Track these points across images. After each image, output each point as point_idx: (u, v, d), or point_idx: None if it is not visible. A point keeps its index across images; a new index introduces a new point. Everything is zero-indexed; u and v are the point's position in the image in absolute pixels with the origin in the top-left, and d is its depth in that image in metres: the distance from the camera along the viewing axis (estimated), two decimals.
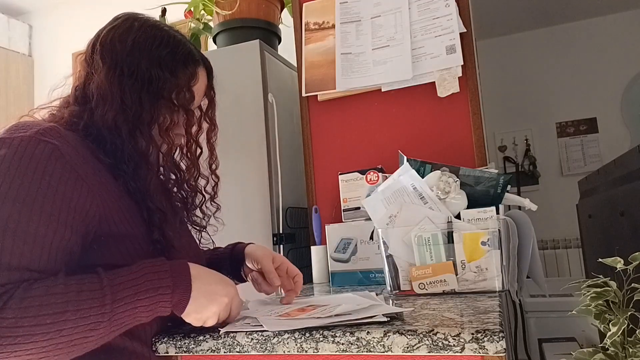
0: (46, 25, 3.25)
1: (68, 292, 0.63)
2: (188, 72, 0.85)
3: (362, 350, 0.64)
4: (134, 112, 0.79)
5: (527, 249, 0.99)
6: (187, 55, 0.86)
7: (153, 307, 0.68)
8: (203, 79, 0.89)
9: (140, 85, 0.80)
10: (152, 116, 0.80)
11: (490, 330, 0.60)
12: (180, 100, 0.83)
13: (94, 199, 0.72)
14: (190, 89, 0.85)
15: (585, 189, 1.84)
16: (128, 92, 0.79)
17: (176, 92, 0.83)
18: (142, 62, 0.81)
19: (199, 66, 0.88)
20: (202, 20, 1.92)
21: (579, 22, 3.35)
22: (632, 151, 1.16)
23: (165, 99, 0.81)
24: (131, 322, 0.68)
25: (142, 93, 0.80)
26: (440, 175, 0.95)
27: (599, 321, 0.76)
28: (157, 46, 0.83)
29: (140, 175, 0.78)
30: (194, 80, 0.86)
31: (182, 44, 0.87)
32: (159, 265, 0.70)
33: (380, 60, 1.47)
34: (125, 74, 0.80)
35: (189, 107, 0.85)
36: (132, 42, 0.81)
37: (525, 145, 3.43)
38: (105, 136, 0.77)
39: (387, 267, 0.96)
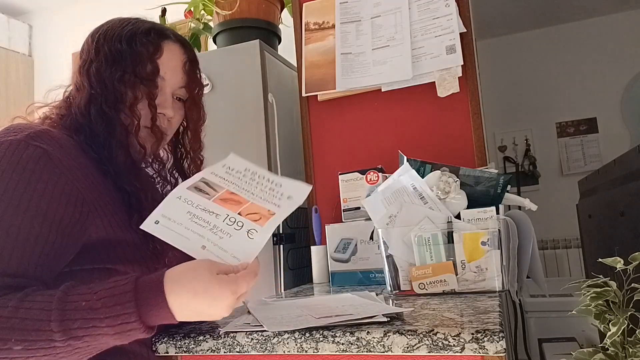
0: (46, 25, 3.25)
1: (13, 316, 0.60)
2: (149, 43, 0.83)
3: (362, 350, 0.64)
4: (99, 92, 0.79)
5: (527, 249, 0.99)
6: (149, 30, 0.84)
7: (122, 334, 0.62)
8: (174, 54, 0.86)
9: (103, 65, 0.80)
10: (115, 94, 0.79)
11: (490, 330, 0.60)
12: (141, 73, 0.81)
13: (85, 203, 0.72)
14: (153, 61, 0.82)
15: (585, 189, 1.84)
16: (93, 75, 0.80)
17: (136, 65, 0.81)
18: (105, 45, 0.82)
19: (165, 39, 0.85)
20: (202, 20, 1.92)
21: (579, 22, 3.35)
22: (632, 151, 1.16)
23: (127, 73, 0.80)
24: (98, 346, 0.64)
25: (105, 72, 0.80)
26: (440, 175, 0.95)
27: (599, 321, 0.76)
28: (122, 27, 0.83)
29: (113, 156, 0.78)
30: (158, 53, 0.83)
31: (148, 22, 0.86)
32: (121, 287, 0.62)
33: (380, 60, 1.47)
34: (92, 60, 0.82)
35: (152, 79, 0.82)
36: (102, 33, 0.83)
37: (525, 145, 3.43)
38: (84, 126, 0.79)
39: (387, 267, 0.96)
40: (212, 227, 0.70)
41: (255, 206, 0.74)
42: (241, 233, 0.70)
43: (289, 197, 0.77)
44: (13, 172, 0.67)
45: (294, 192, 0.78)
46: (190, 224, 0.70)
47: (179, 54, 0.87)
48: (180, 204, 0.72)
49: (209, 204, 0.72)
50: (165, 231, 0.69)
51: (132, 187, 0.78)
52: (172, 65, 0.86)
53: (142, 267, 0.79)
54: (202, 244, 0.69)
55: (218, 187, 0.76)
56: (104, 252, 0.75)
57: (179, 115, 0.90)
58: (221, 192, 0.75)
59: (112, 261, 0.75)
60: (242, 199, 0.75)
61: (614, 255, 0.78)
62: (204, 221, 0.70)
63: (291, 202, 0.76)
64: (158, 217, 0.70)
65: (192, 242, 0.69)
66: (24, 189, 0.67)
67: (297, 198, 0.77)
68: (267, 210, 0.73)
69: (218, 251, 0.69)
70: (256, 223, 0.71)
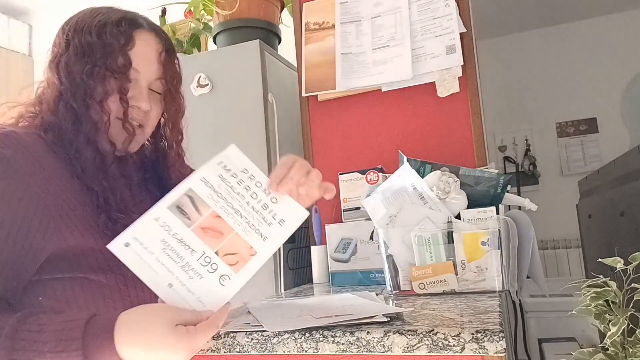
0: (46, 25, 3.25)
1: None
2: (120, 34, 0.78)
3: (362, 350, 0.64)
4: (68, 87, 0.76)
5: (527, 249, 0.99)
6: (121, 19, 0.80)
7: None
8: (147, 44, 0.82)
9: (73, 58, 0.77)
10: (84, 89, 0.76)
11: (490, 330, 0.60)
12: (112, 65, 0.77)
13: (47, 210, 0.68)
14: (124, 52, 0.78)
15: (585, 189, 1.84)
16: (62, 70, 0.77)
17: (108, 57, 0.77)
18: (75, 37, 0.78)
19: (137, 29, 0.81)
20: (202, 20, 1.92)
21: (579, 22, 3.35)
22: (632, 151, 1.16)
23: (97, 66, 0.76)
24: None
25: (74, 67, 0.77)
26: (440, 175, 0.95)
27: (599, 321, 0.76)
28: (92, 18, 0.79)
29: (80, 153, 0.75)
30: (130, 44, 0.79)
31: (120, 11, 0.82)
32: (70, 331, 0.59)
33: (380, 60, 1.47)
34: (62, 54, 0.78)
35: (124, 72, 0.78)
36: (70, 24, 0.80)
37: (525, 145, 3.43)
38: (52, 124, 0.76)
39: (387, 267, 0.96)
40: (184, 264, 0.65)
41: (238, 240, 0.69)
42: (213, 277, 0.66)
43: (281, 220, 0.72)
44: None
45: (289, 215, 0.73)
46: (162, 256, 0.64)
47: (154, 44, 0.83)
48: (156, 228, 0.65)
49: (186, 235, 0.66)
50: (134, 258, 0.63)
51: (99, 187, 0.75)
52: (147, 56, 0.81)
53: (115, 274, 0.76)
54: (169, 281, 0.64)
55: (203, 207, 0.69)
56: (75, 261, 0.72)
57: (157, 108, 0.86)
58: (205, 216, 0.68)
59: (83, 270, 0.73)
60: (226, 226, 0.69)
61: (614, 255, 0.78)
62: (177, 255, 0.65)
63: (283, 228, 0.72)
64: (129, 239, 0.64)
65: (159, 277, 0.64)
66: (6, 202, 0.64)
67: (290, 224, 0.72)
68: (249, 248, 0.69)
69: (184, 292, 0.64)
70: (232, 268, 0.67)
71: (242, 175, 0.74)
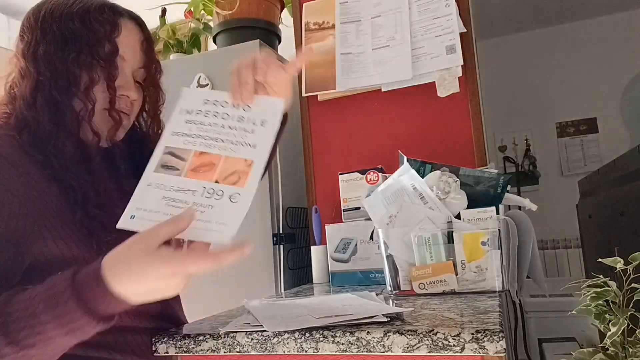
0: None
1: None
2: (105, 21, 0.75)
3: (362, 350, 0.64)
4: (49, 79, 0.72)
5: (527, 249, 0.99)
6: (103, 6, 0.77)
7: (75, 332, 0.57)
8: (131, 33, 0.79)
9: (53, 48, 0.73)
10: (67, 77, 0.72)
11: (490, 330, 0.60)
12: (98, 53, 0.74)
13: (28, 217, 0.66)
14: (111, 40, 0.75)
15: (585, 189, 1.84)
16: (41, 60, 0.73)
17: (93, 45, 0.74)
18: (53, 25, 0.74)
19: (121, 17, 0.78)
20: (202, 20, 1.92)
21: (579, 22, 3.35)
22: (632, 151, 1.16)
23: (83, 54, 0.73)
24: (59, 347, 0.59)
25: (55, 55, 0.72)
26: (440, 175, 0.95)
27: (599, 321, 0.76)
28: (70, 5, 0.75)
29: (59, 147, 0.71)
30: (116, 32, 0.76)
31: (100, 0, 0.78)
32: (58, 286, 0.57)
33: (380, 60, 1.47)
34: (39, 42, 0.73)
35: (111, 59, 0.75)
36: (44, 12, 0.76)
37: (525, 145, 3.43)
38: (28, 119, 0.71)
39: (387, 267, 0.96)
40: (191, 205, 0.65)
41: (230, 161, 0.69)
42: (223, 200, 0.66)
43: (262, 122, 0.72)
44: None
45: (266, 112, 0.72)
46: (169, 209, 0.65)
47: (136, 32, 0.81)
48: (152, 192, 0.67)
49: (181, 182, 0.67)
50: (144, 223, 0.63)
51: (78, 182, 0.71)
52: (131, 45, 0.79)
53: None
54: None
55: (185, 153, 0.70)
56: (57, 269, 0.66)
57: (140, 97, 0.83)
58: (190, 159, 0.69)
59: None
60: (214, 156, 0.69)
61: (614, 255, 0.78)
62: (182, 202, 0.66)
63: (267, 128, 0.71)
64: (133, 212, 0.65)
65: None
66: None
67: (272, 119, 0.71)
68: (244, 161, 0.69)
69: (203, 225, 0.64)
70: (236, 185, 0.67)
71: (206, 106, 0.74)
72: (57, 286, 0.57)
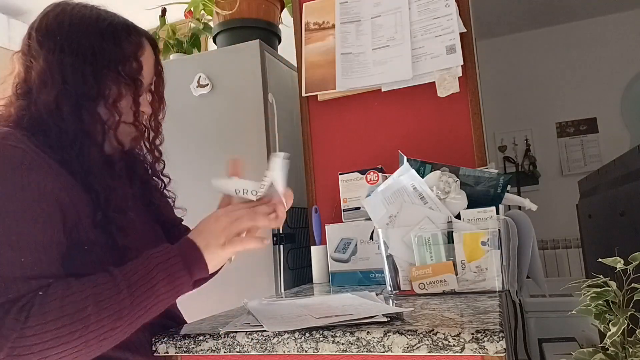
0: None
1: (83, 289, 0.64)
2: (133, 41, 0.82)
3: (362, 350, 0.64)
4: (77, 89, 0.76)
5: (527, 249, 0.99)
6: (129, 26, 0.83)
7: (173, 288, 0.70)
8: (150, 52, 0.86)
9: (82, 60, 0.77)
10: (97, 91, 0.77)
11: (490, 330, 0.60)
12: (126, 70, 0.80)
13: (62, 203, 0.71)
14: (137, 58, 0.82)
15: (585, 189, 1.84)
16: (69, 70, 0.76)
17: (122, 62, 0.80)
18: (81, 38, 0.78)
19: (142, 37, 0.85)
20: (202, 20, 1.92)
21: (579, 22, 3.35)
22: (632, 151, 1.16)
23: (111, 71, 0.79)
24: (155, 304, 0.69)
25: (85, 68, 0.77)
26: (440, 175, 0.95)
27: (599, 321, 0.76)
28: (95, 20, 0.80)
29: (87, 154, 0.75)
30: (140, 50, 0.83)
31: (121, 18, 0.84)
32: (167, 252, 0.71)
33: (380, 60, 1.47)
34: (65, 53, 0.77)
35: (137, 77, 0.81)
36: (69, 21, 0.79)
37: (525, 145, 3.43)
38: (49, 124, 0.74)
39: (387, 267, 0.96)
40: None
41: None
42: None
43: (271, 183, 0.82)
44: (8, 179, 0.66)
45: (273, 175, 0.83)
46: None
47: (151, 52, 0.87)
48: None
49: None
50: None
51: (102, 186, 0.76)
52: (149, 64, 0.86)
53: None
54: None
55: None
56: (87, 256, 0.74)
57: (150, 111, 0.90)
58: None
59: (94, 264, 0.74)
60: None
61: (614, 255, 0.78)
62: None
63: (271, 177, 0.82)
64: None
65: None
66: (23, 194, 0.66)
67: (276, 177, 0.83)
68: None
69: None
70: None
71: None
72: (168, 254, 0.71)
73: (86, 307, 0.63)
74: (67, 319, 0.62)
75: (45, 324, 0.60)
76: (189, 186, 1.41)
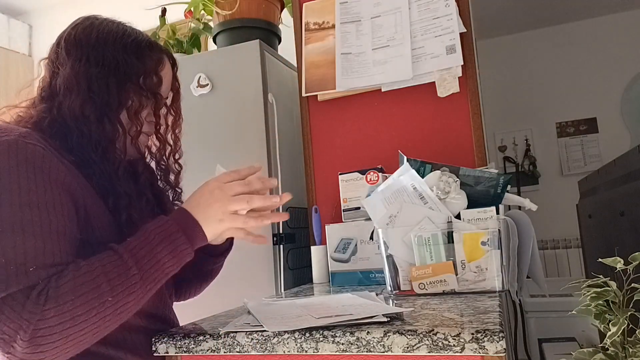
0: (46, 25, 3.25)
1: (93, 268, 0.67)
2: (154, 57, 0.87)
3: (362, 350, 0.64)
4: (102, 98, 0.80)
5: (527, 249, 0.99)
6: (152, 43, 0.89)
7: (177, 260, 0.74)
8: (169, 68, 0.91)
9: (107, 71, 0.81)
10: (119, 101, 0.82)
11: (490, 330, 0.60)
12: (147, 84, 0.85)
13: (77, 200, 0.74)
14: (157, 73, 0.87)
15: (585, 189, 1.84)
16: (95, 80, 0.80)
17: (144, 76, 0.85)
18: (107, 51, 0.83)
19: (163, 54, 0.90)
20: (202, 20, 1.92)
21: (579, 22, 3.35)
22: (632, 151, 1.16)
23: (133, 83, 0.83)
24: (162, 276, 0.73)
25: (110, 79, 0.81)
26: (440, 175, 0.95)
27: (599, 321, 0.76)
28: (121, 36, 0.85)
29: (108, 159, 0.80)
30: (161, 66, 0.88)
31: (145, 35, 0.90)
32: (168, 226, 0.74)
33: (380, 60, 1.47)
34: (91, 63, 0.81)
35: (157, 91, 0.87)
36: (96, 34, 0.84)
37: (525, 145, 3.43)
38: (71, 128, 0.78)
39: (387, 267, 0.96)
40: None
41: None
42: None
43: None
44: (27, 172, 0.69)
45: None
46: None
47: (170, 67, 0.92)
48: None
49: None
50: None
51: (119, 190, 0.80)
52: (167, 79, 0.91)
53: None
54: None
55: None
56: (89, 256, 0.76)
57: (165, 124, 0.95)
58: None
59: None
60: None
61: (614, 255, 0.78)
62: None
63: None
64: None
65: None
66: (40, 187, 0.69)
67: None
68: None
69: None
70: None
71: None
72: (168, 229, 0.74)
73: (99, 286, 0.66)
74: (82, 299, 0.65)
75: (63, 305, 0.63)
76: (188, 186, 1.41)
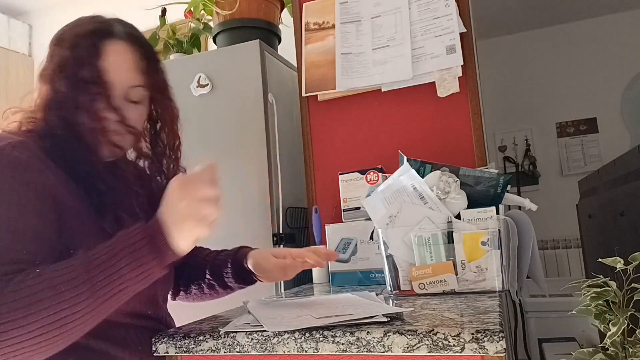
0: (46, 25, 3.25)
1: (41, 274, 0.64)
2: (89, 47, 0.79)
3: (362, 350, 0.64)
4: (55, 99, 0.79)
5: (527, 249, 0.99)
6: (95, 30, 0.81)
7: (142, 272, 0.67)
8: (120, 54, 0.81)
9: (52, 71, 0.80)
10: (71, 99, 0.77)
11: (490, 330, 0.60)
12: (84, 76, 0.78)
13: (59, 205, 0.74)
14: (92, 64, 0.79)
15: (585, 189, 1.84)
16: (49, 82, 0.80)
17: (78, 69, 0.78)
18: (55, 49, 0.81)
19: (106, 39, 0.81)
20: (202, 20, 1.92)
21: (579, 22, 3.35)
22: (632, 151, 1.16)
23: (71, 78, 0.78)
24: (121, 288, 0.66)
25: (56, 79, 0.79)
26: (440, 175, 0.95)
27: (599, 321, 0.76)
28: (70, 29, 0.83)
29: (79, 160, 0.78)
30: (96, 56, 0.79)
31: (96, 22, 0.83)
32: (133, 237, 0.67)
33: (380, 60, 1.47)
34: (47, 65, 0.82)
35: (96, 82, 0.78)
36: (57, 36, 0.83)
37: (525, 145, 3.43)
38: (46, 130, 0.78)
39: (387, 267, 0.96)
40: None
41: None
42: None
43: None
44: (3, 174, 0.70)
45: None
46: None
47: (126, 53, 0.82)
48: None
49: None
50: None
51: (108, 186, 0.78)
52: (119, 65, 0.81)
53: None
54: None
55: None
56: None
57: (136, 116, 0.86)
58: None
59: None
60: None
61: (614, 255, 0.78)
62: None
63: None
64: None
65: None
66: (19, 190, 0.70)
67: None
68: None
69: None
70: None
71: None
72: (132, 238, 0.67)
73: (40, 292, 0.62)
74: (21, 303, 0.61)
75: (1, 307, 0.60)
76: None
